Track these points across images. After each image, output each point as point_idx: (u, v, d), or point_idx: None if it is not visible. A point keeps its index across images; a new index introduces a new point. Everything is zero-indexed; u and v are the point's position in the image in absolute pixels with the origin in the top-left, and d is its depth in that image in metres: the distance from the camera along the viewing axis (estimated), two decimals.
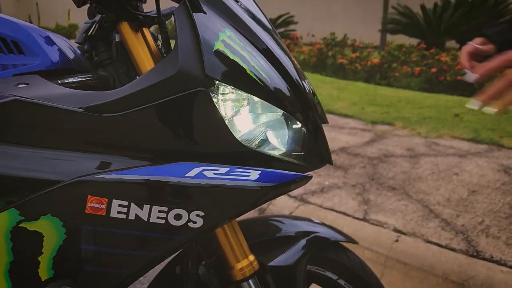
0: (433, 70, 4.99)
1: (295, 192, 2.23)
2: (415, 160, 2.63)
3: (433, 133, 3.16)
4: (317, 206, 2.09)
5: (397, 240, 1.79)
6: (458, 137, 3.08)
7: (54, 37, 0.84)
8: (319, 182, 2.36)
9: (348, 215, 1.99)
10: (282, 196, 2.21)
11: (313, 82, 5.09)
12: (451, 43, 9.57)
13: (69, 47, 0.87)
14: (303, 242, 0.85)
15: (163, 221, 0.61)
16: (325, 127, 0.79)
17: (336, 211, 2.03)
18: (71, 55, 0.84)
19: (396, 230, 1.86)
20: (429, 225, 1.89)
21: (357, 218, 1.97)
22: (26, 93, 0.63)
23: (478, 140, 2.99)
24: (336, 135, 3.15)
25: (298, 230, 0.88)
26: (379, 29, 9.10)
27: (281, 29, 11.75)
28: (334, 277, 0.91)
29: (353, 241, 0.96)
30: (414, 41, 8.87)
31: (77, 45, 0.91)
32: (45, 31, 0.83)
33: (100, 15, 0.79)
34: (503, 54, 0.66)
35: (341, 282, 0.92)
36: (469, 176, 2.39)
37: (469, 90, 4.94)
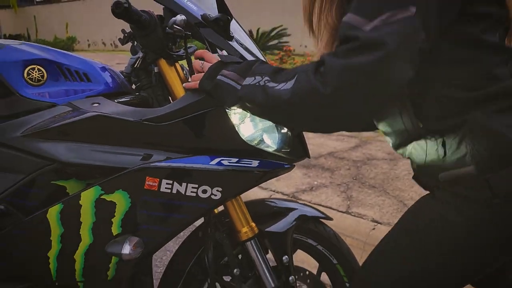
0: None
1: (287, 191, 2.55)
2: (394, 162, 2.96)
3: None
4: (307, 202, 2.40)
5: (374, 229, 2.11)
6: None
7: (106, 67, 1.16)
8: (309, 182, 2.68)
9: (333, 209, 2.31)
10: (276, 194, 2.53)
11: None
12: None
13: (116, 74, 1.18)
14: (291, 215, 1.16)
15: (194, 194, 0.92)
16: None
17: (323, 206, 2.34)
18: (119, 80, 1.15)
19: (373, 221, 2.18)
20: None
21: (341, 211, 2.28)
22: (101, 110, 0.94)
23: None
24: (325, 141, 3.47)
25: (287, 207, 1.19)
26: None
27: (275, 41, 12.11)
28: (314, 243, 1.22)
29: (329, 218, 1.26)
30: None
31: (119, 70, 1.22)
32: (99, 63, 1.15)
33: (142, 53, 1.10)
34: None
35: (319, 247, 1.22)
36: None
37: None
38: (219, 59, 0.90)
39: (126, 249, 0.88)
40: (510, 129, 0.70)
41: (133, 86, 1.18)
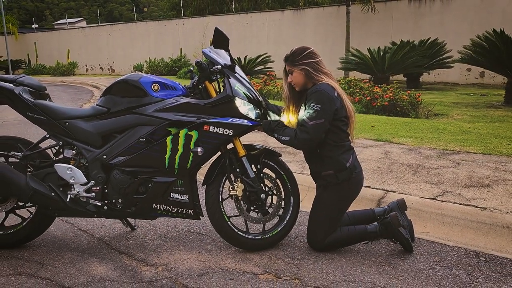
0: (368, 98, 6.94)
1: None
2: None
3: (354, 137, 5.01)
4: None
5: None
6: (368, 138, 4.94)
7: (180, 84, 2.64)
8: None
9: (293, 172, 3.77)
10: None
11: None
12: (399, 76, 11.61)
13: (183, 87, 2.66)
14: (262, 149, 2.63)
15: (222, 132, 2.40)
16: None
17: None
18: (185, 90, 2.63)
19: None
20: None
21: (297, 173, 3.75)
22: (185, 100, 2.44)
23: (379, 139, 4.85)
24: None
25: (260, 146, 2.66)
26: (338, 67, 11.15)
27: (260, 67, 13.77)
28: (272, 164, 2.67)
29: (279, 154, 2.73)
30: (367, 76, 10.90)
31: (184, 85, 2.71)
32: (177, 82, 2.63)
33: (197, 78, 2.59)
34: None
35: (275, 166, 2.68)
36: (366, 155, 4.21)
37: (394, 112, 6.88)
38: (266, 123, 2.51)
39: (199, 150, 2.34)
40: (344, 159, 2.38)
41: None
